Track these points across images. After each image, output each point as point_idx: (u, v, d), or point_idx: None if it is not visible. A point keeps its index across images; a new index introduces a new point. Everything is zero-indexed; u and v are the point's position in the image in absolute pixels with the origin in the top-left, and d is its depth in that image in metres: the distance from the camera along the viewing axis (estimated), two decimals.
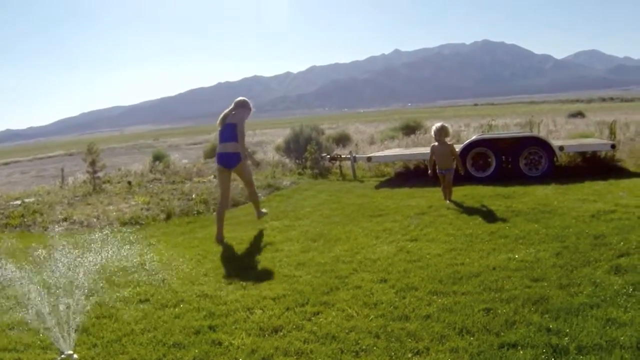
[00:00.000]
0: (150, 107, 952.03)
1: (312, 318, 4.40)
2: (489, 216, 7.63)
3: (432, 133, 9.23)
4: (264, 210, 8.78)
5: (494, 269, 5.27)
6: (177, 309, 4.88)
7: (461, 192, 9.58)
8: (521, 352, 3.51)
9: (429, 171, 9.35)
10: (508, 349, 3.56)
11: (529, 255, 5.63)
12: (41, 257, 6.00)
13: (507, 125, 23.50)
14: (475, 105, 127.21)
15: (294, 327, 4.24)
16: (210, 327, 4.37)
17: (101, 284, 5.76)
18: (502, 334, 3.79)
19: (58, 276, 5.36)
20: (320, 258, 6.18)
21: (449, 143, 9.25)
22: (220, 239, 7.61)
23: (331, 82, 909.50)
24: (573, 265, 5.16)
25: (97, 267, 6.23)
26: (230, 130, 7.90)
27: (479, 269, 5.30)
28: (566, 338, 3.62)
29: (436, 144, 9.15)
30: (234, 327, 4.35)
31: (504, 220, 7.31)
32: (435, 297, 4.63)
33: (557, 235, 6.30)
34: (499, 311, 4.19)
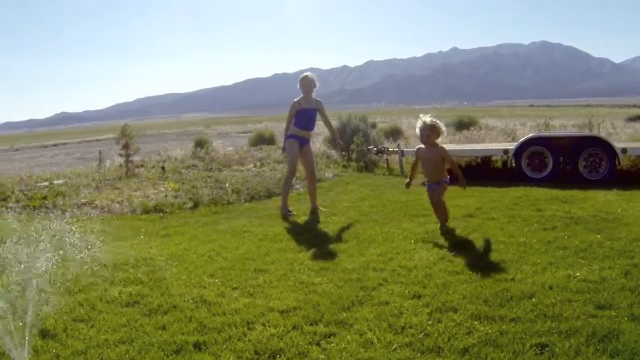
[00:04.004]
0: (205, 95, 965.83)
1: (322, 342, 3.50)
2: (545, 223, 6.55)
3: (417, 130, 6.70)
4: (322, 208, 8.43)
5: (550, 288, 4.25)
6: (165, 317, 4.05)
7: (515, 194, 8.60)
8: None
9: (407, 181, 7.16)
10: None
11: (592, 273, 4.58)
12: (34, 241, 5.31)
13: (564, 125, 22.06)
14: (531, 105, 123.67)
15: (297, 352, 3.35)
16: (196, 345, 3.53)
17: (92, 280, 5.03)
18: None
19: (42, 268, 4.64)
20: (347, 263, 5.28)
21: (440, 146, 6.73)
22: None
23: (388, 78, 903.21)
24: None
25: (94, 261, 5.52)
26: None
27: (533, 287, 4.29)
28: None
29: (422, 146, 6.79)
30: (224, 346, 3.50)
31: (562, 228, 6.25)
32: (477, 322, 3.66)
33: (624, 249, 5.23)
34: (557, 349, 3.20)
